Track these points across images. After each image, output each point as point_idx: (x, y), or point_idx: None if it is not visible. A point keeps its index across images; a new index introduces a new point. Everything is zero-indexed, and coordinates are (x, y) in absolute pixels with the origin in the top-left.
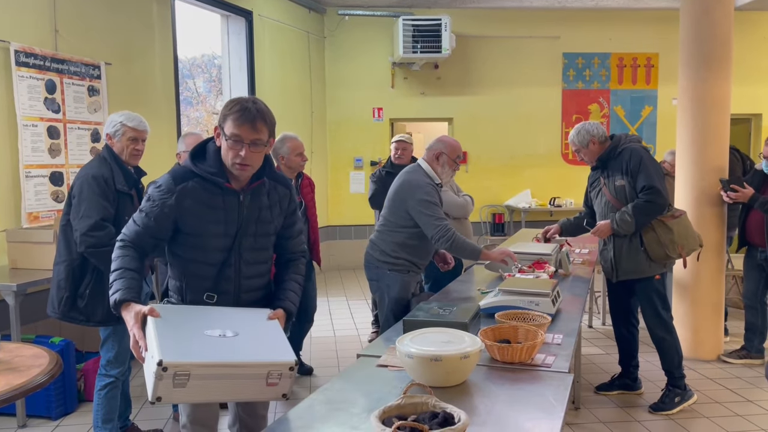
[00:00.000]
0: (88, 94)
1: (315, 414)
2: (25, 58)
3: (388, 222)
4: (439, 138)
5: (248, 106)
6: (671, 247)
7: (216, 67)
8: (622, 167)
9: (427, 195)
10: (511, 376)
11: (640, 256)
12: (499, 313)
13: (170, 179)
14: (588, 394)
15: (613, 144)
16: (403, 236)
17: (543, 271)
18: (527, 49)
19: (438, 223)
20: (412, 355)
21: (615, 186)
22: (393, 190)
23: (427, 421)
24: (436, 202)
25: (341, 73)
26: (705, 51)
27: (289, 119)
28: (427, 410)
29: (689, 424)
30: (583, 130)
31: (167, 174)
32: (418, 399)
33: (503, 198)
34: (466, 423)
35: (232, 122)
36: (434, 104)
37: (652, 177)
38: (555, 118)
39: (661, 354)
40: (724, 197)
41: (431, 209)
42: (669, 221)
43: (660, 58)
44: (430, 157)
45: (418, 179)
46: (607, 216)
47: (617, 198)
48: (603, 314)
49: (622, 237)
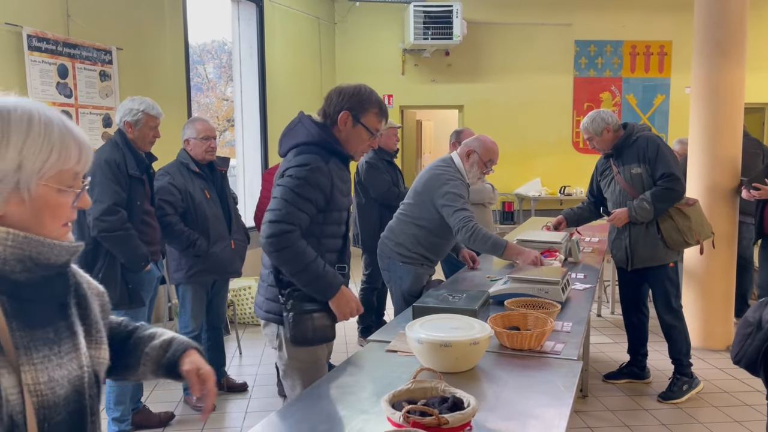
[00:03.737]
0: (99, 79)
1: (324, 398)
2: (37, 42)
3: (411, 213)
4: (478, 136)
5: (380, 99)
6: (689, 234)
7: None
8: (638, 155)
9: (454, 188)
10: (520, 362)
11: (658, 243)
12: (508, 300)
13: (318, 159)
14: (596, 383)
15: (627, 132)
16: (424, 231)
17: (554, 258)
18: (539, 36)
19: (462, 213)
20: (421, 341)
21: (631, 174)
22: (420, 181)
23: (437, 405)
24: (463, 195)
25: (351, 60)
26: (719, 38)
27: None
28: (436, 395)
29: (697, 413)
30: (598, 118)
31: (305, 155)
32: (428, 384)
33: (513, 186)
34: (475, 408)
35: (374, 117)
36: (445, 91)
37: (671, 164)
38: (566, 107)
39: (669, 342)
40: (744, 195)
41: (457, 201)
42: (685, 209)
43: (673, 46)
44: (462, 153)
45: (448, 173)
46: (622, 204)
47: (633, 186)
48: (612, 303)
49: (639, 225)
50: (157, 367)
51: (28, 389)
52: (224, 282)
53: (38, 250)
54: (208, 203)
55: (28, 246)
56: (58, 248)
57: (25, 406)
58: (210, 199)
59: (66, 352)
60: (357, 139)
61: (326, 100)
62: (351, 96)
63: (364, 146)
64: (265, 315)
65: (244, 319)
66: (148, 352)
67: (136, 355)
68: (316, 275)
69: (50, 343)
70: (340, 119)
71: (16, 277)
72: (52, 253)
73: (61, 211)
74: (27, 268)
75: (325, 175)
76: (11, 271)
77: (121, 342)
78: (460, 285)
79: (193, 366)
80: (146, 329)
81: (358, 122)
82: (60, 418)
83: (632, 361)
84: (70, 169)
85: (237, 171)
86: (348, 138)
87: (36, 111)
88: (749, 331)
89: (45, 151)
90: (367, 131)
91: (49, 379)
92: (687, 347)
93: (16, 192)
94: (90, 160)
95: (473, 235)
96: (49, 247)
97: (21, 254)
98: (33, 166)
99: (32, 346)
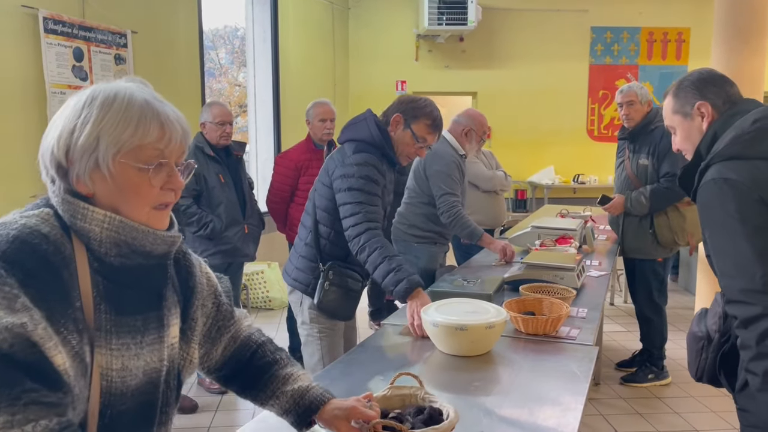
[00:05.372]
0: (114, 62)
1: (337, 379)
2: (53, 25)
3: (417, 194)
4: (467, 113)
5: (438, 116)
6: (680, 234)
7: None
8: (650, 146)
9: (446, 167)
10: (535, 347)
11: (648, 238)
12: (523, 285)
13: (374, 158)
14: (608, 371)
15: (650, 117)
16: (433, 208)
17: (569, 245)
18: (554, 22)
19: (449, 198)
20: (437, 324)
21: (638, 164)
22: (420, 161)
23: (412, 416)
24: (454, 176)
25: (365, 45)
26: (740, 25)
27: (312, 91)
28: (415, 403)
29: (710, 402)
30: (645, 90)
31: (363, 154)
32: (407, 390)
33: (526, 174)
34: (454, 420)
35: (426, 128)
36: (458, 78)
37: (677, 164)
38: (581, 94)
39: (643, 332)
40: None
41: (446, 182)
42: (684, 207)
43: (692, 33)
44: (457, 132)
45: (443, 150)
46: (624, 192)
47: (637, 176)
48: (624, 292)
49: (633, 216)
50: (283, 413)
51: (100, 372)
52: (238, 266)
53: (132, 235)
54: (222, 187)
55: (123, 230)
56: (152, 236)
57: (92, 388)
58: (225, 184)
59: (149, 343)
60: (404, 143)
61: (391, 105)
62: (408, 102)
63: (410, 151)
64: (293, 282)
65: (257, 303)
66: (279, 396)
67: (267, 394)
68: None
69: (134, 332)
70: (393, 121)
71: (111, 261)
72: (146, 240)
73: (146, 190)
74: (122, 253)
75: (381, 172)
76: (106, 254)
77: (255, 368)
78: (474, 270)
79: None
80: (284, 366)
81: (408, 127)
82: (125, 407)
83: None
84: (150, 146)
85: (250, 156)
86: (397, 141)
87: (124, 89)
88: (701, 345)
89: (122, 125)
90: (414, 137)
91: (123, 367)
92: (661, 341)
93: (97, 169)
94: (183, 141)
95: (455, 220)
96: (143, 233)
97: (117, 238)
98: (109, 139)
99: (114, 331)
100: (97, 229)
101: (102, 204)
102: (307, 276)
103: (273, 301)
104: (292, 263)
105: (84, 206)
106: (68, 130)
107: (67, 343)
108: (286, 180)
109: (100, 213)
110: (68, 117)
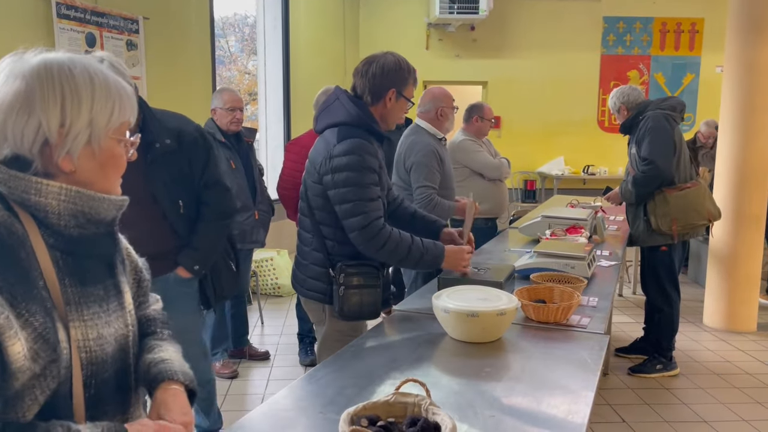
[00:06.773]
0: (126, 48)
1: (345, 368)
2: (66, 10)
3: (401, 188)
4: (429, 95)
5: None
6: (663, 220)
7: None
8: (637, 135)
9: (423, 158)
10: (546, 335)
11: (642, 225)
12: (534, 274)
13: (361, 142)
14: (617, 361)
15: (640, 109)
16: None
17: (580, 235)
18: (566, 12)
19: (424, 191)
20: (448, 310)
21: (630, 153)
22: (399, 153)
23: (405, 427)
24: (431, 165)
25: (375, 33)
26: (755, 15)
27: (322, 79)
28: (418, 413)
29: (719, 393)
30: (634, 94)
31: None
32: (411, 399)
33: (536, 164)
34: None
35: (412, 85)
36: (469, 67)
37: (652, 149)
38: (592, 85)
39: (654, 323)
40: None
41: (423, 173)
42: (672, 193)
43: (705, 23)
44: (430, 117)
45: (421, 140)
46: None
47: (631, 165)
48: (633, 283)
49: (632, 205)
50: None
51: (77, 345)
52: (248, 252)
53: (89, 204)
54: (232, 173)
55: (80, 200)
56: (107, 202)
57: (72, 362)
58: (235, 170)
59: (114, 309)
60: (399, 111)
61: (364, 77)
62: (395, 72)
63: (400, 116)
64: (308, 293)
65: (266, 289)
66: (140, 364)
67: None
68: (421, 253)
69: (99, 301)
70: (387, 97)
71: (70, 233)
72: (101, 206)
73: (121, 161)
74: (79, 223)
75: (374, 155)
76: (65, 226)
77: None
78: (484, 258)
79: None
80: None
81: (401, 95)
82: (107, 375)
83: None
84: (128, 120)
85: (260, 144)
86: (390, 113)
87: (87, 65)
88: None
89: (109, 105)
90: (408, 101)
91: (98, 335)
92: (671, 333)
93: (88, 146)
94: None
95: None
96: (99, 201)
97: (74, 209)
98: (102, 120)
99: (83, 302)
100: (54, 202)
101: (79, 179)
102: (322, 284)
103: (282, 288)
104: (302, 273)
105: (37, 180)
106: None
107: (29, 325)
108: (297, 166)
109: (56, 185)
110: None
